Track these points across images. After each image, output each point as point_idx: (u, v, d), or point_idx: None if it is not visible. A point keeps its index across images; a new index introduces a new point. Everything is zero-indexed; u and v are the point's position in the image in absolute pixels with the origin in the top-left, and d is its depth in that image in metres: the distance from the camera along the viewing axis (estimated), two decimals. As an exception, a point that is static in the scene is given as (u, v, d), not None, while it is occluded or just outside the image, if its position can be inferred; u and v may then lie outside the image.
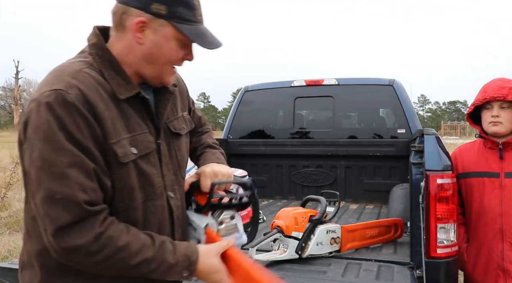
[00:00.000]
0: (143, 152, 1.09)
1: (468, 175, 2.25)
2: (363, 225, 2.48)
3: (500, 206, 2.12)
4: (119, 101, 1.06)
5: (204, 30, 1.12)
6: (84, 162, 0.96)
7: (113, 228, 1.00)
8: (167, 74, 1.15)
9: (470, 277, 2.27)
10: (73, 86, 0.98)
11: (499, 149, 2.17)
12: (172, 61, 1.13)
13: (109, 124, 1.02)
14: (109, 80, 1.06)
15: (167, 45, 1.09)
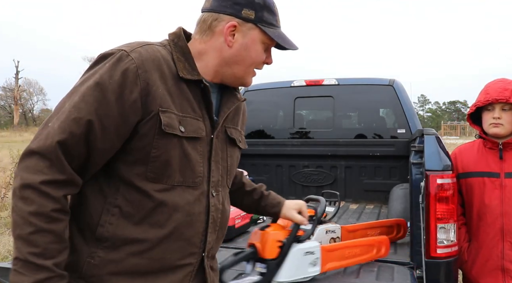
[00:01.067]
0: (190, 135, 1.10)
1: (468, 175, 2.26)
2: (364, 225, 2.48)
3: (500, 206, 2.13)
4: (179, 80, 1.10)
5: (283, 34, 1.23)
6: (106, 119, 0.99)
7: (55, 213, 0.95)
8: (249, 75, 1.23)
9: (468, 276, 2.28)
10: (137, 52, 1.04)
11: (499, 149, 2.18)
12: (256, 63, 1.22)
13: (161, 94, 1.04)
14: (176, 62, 1.11)
15: (254, 47, 1.19)
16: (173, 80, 1.08)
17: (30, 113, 54.91)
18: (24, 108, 52.51)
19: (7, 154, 9.43)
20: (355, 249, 2.18)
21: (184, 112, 1.09)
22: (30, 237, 0.93)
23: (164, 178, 1.06)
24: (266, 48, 1.22)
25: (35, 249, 0.92)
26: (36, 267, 0.92)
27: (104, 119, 0.99)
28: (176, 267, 1.10)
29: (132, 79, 1.00)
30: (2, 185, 7.02)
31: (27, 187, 0.94)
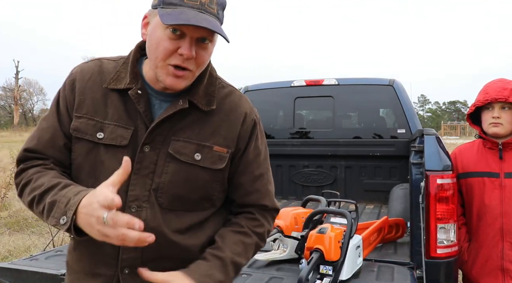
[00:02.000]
0: (108, 142, 1.07)
1: (468, 175, 2.26)
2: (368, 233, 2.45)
3: (500, 206, 2.13)
4: (109, 90, 1.11)
5: (187, 11, 0.98)
6: (50, 119, 1.14)
7: (31, 170, 1.09)
8: (162, 72, 1.04)
9: (468, 276, 2.28)
10: (77, 67, 1.17)
11: (498, 149, 2.18)
12: (162, 55, 1.02)
13: (78, 100, 1.11)
14: (116, 73, 1.12)
15: (155, 35, 1.03)
16: (102, 90, 1.11)
17: (30, 113, 54.92)
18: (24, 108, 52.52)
19: (7, 154, 9.44)
20: (379, 231, 2.35)
21: (108, 119, 1.09)
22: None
23: (79, 182, 1.08)
24: (175, 35, 1.00)
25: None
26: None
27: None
28: (94, 274, 1.10)
29: (64, 88, 1.15)
30: (2, 185, 7.01)
31: None
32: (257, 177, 1.18)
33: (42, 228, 5.53)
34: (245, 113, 1.16)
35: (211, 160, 1.10)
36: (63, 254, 2.34)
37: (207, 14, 1.01)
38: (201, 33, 1.01)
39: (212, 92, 1.14)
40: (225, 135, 1.12)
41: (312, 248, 1.86)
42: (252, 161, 1.17)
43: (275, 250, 2.19)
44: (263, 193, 1.20)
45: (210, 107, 1.12)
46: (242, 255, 1.13)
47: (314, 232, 1.89)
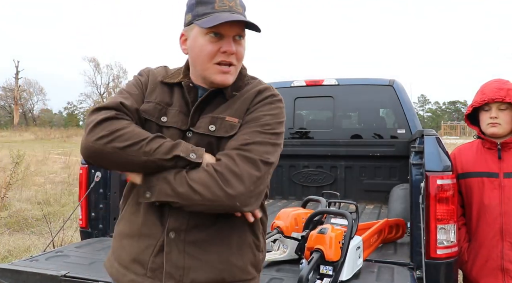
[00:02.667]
0: (170, 124, 1.23)
1: (467, 175, 2.27)
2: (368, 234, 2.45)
3: (500, 206, 2.14)
4: (162, 83, 1.31)
5: (220, 14, 1.17)
6: (133, 94, 1.29)
7: (124, 121, 1.19)
8: (211, 71, 1.21)
9: (468, 276, 2.28)
10: (148, 70, 1.37)
11: (497, 149, 2.19)
12: (208, 57, 1.19)
13: (149, 89, 1.30)
14: (173, 74, 1.33)
15: (197, 44, 1.20)
16: (160, 83, 1.31)
17: (30, 113, 54.93)
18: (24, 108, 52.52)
19: (7, 153, 9.44)
20: (379, 233, 2.35)
21: (172, 106, 1.26)
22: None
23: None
24: (213, 39, 1.19)
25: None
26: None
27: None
28: (141, 235, 1.20)
29: (140, 76, 1.35)
30: (2, 185, 7.01)
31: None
32: (233, 139, 1.20)
33: (42, 228, 5.53)
34: (258, 90, 1.27)
35: (224, 129, 1.21)
36: (63, 255, 2.34)
37: (236, 13, 1.19)
38: (236, 30, 1.19)
39: (239, 87, 1.29)
40: (237, 108, 1.24)
41: (312, 248, 1.86)
42: (250, 120, 1.21)
43: (275, 251, 2.19)
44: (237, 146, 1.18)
45: (233, 94, 1.26)
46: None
47: (315, 232, 1.90)
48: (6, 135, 32.71)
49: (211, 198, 1.08)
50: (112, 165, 1.16)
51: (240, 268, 1.21)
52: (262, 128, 1.19)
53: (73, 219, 5.24)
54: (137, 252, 1.19)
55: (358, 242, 2.03)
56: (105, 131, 1.13)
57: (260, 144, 1.16)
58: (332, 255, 1.82)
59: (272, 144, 1.20)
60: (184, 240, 1.17)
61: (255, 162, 1.13)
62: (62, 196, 7.98)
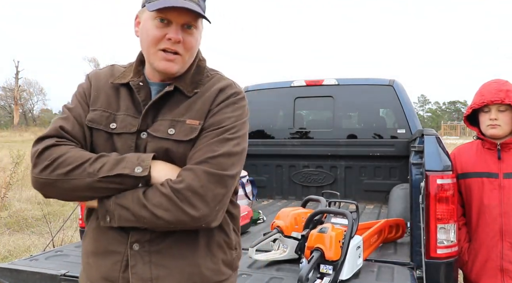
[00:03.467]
0: (120, 130, 1.18)
1: (467, 176, 2.27)
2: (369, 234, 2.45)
3: (499, 206, 2.14)
4: (118, 84, 1.24)
5: (170, 0, 1.09)
6: (77, 109, 1.23)
7: (64, 147, 1.14)
8: (155, 57, 1.15)
9: (468, 277, 2.28)
10: (93, 73, 1.31)
11: (497, 150, 2.19)
12: (153, 41, 1.14)
13: (93, 96, 1.23)
14: (122, 72, 1.26)
15: (145, 27, 1.16)
16: (113, 87, 1.24)
17: (30, 113, 54.91)
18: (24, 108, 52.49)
19: (7, 153, 9.44)
20: (379, 233, 2.35)
21: (120, 111, 1.20)
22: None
23: None
24: (161, 24, 1.13)
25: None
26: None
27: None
28: (107, 252, 1.16)
29: (82, 85, 1.29)
30: (2, 185, 7.01)
31: None
32: (197, 148, 1.12)
33: (42, 228, 5.53)
34: (219, 88, 1.20)
35: (184, 133, 1.14)
36: (63, 254, 2.34)
37: (188, 1, 1.11)
38: (185, 18, 1.12)
39: (198, 80, 1.22)
40: (198, 109, 1.17)
41: (312, 247, 1.86)
42: (209, 126, 1.14)
43: (275, 250, 2.19)
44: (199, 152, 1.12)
45: (193, 92, 1.19)
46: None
47: (315, 232, 1.90)
48: (6, 135, 32.70)
49: (174, 222, 1.04)
50: (62, 194, 1.13)
51: (212, 269, 1.17)
52: (228, 134, 1.12)
53: (73, 219, 5.25)
54: (105, 271, 1.15)
55: (358, 241, 2.03)
56: (47, 161, 1.09)
57: (228, 156, 1.10)
58: (332, 254, 1.82)
59: (239, 152, 1.13)
60: (149, 251, 1.12)
61: (221, 179, 1.07)
62: (62, 196, 7.97)
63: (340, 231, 1.90)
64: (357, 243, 2.01)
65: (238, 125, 1.15)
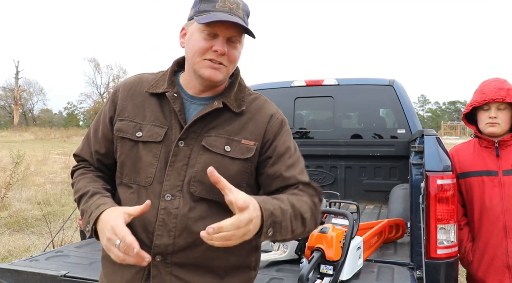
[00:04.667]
0: (146, 139, 1.22)
1: (467, 175, 2.27)
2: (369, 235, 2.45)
3: (501, 204, 2.14)
4: (149, 95, 1.28)
5: (218, 14, 1.17)
6: (92, 129, 1.36)
7: (77, 172, 1.34)
8: (200, 66, 1.20)
9: (475, 276, 2.27)
10: (119, 85, 1.35)
11: (495, 148, 2.20)
12: (199, 51, 1.19)
13: (121, 106, 1.28)
14: (156, 81, 1.30)
15: (192, 38, 1.21)
16: (142, 96, 1.28)
17: (30, 113, 54.91)
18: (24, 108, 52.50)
19: (7, 153, 9.44)
20: (380, 234, 2.35)
21: (146, 120, 1.25)
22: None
23: (123, 177, 1.26)
24: (208, 36, 1.19)
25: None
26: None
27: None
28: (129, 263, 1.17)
29: (107, 101, 1.34)
30: (2, 185, 7.01)
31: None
32: (291, 165, 1.26)
33: (42, 228, 5.53)
34: (271, 114, 1.31)
35: (240, 151, 1.22)
36: (63, 255, 2.34)
37: (235, 16, 1.19)
38: (231, 32, 1.19)
39: (241, 97, 1.29)
40: (252, 130, 1.25)
41: (313, 247, 1.87)
42: (284, 153, 1.27)
43: (275, 251, 2.19)
44: (301, 174, 1.27)
45: (240, 109, 1.26)
46: (299, 204, 1.17)
47: (316, 232, 1.90)
48: (6, 135, 32.70)
49: (308, 232, 1.23)
50: None
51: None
52: (300, 161, 1.33)
53: (73, 219, 5.25)
54: (128, 278, 1.19)
55: (358, 242, 2.03)
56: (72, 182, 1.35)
57: (305, 172, 1.31)
58: (333, 254, 1.82)
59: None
60: (171, 263, 1.17)
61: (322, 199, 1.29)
62: (62, 196, 7.99)
63: (341, 231, 1.90)
64: (358, 244, 2.01)
65: (298, 151, 1.35)
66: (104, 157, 1.32)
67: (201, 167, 1.19)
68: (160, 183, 1.19)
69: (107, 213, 1.12)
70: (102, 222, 1.11)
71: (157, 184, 1.19)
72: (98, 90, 55.37)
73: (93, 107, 53.74)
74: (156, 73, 1.35)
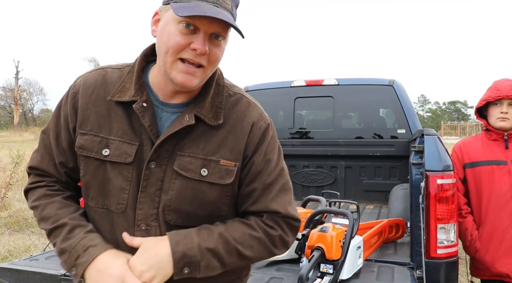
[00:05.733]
0: (114, 159, 1.04)
1: (476, 164, 2.40)
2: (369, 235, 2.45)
3: (510, 191, 2.27)
4: (114, 103, 1.06)
5: (201, 4, 0.95)
6: (50, 135, 1.13)
7: (37, 193, 1.13)
8: (172, 68, 0.99)
9: (483, 261, 2.32)
10: (81, 78, 1.12)
11: (504, 140, 2.35)
12: (173, 49, 0.97)
13: (82, 116, 1.07)
14: (120, 83, 1.08)
15: (166, 29, 0.98)
16: (106, 104, 1.06)
17: (30, 113, 54.91)
18: (24, 108, 52.48)
19: (7, 153, 9.43)
20: (380, 234, 2.37)
21: (113, 134, 1.05)
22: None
23: (89, 199, 1.10)
24: (186, 30, 0.96)
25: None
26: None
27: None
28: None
29: (67, 101, 1.11)
30: (2, 185, 7.01)
31: None
32: (268, 185, 1.09)
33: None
34: (252, 122, 1.09)
35: (218, 174, 1.05)
36: (63, 254, 2.33)
37: (222, 8, 0.97)
38: (215, 28, 0.97)
39: (219, 103, 1.08)
40: (232, 147, 1.06)
41: (313, 247, 1.87)
42: (262, 169, 1.09)
43: (275, 250, 2.18)
44: (273, 200, 1.09)
45: (217, 121, 1.06)
46: (239, 239, 1.04)
47: (316, 231, 1.90)
48: (6, 135, 32.68)
49: (259, 260, 1.12)
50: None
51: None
52: (282, 175, 1.12)
53: (73, 219, 5.22)
54: None
55: (358, 241, 2.03)
56: (31, 204, 1.14)
57: (290, 203, 1.12)
58: (333, 253, 1.82)
59: (291, 189, 1.15)
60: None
61: (295, 228, 1.13)
62: (62, 196, 7.97)
63: (341, 230, 1.90)
64: (358, 243, 2.01)
65: (281, 159, 1.15)
66: (73, 172, 1.13)
67: (175, 194, 1.04)
68: (133, 210, 1.04)
69: (105, 259, 0.98)
70: (99, 269, 0.97)
71: (131, 211, 1.04)
72: (98, 90, 55.20)
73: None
74: (121, 67, 1.12)
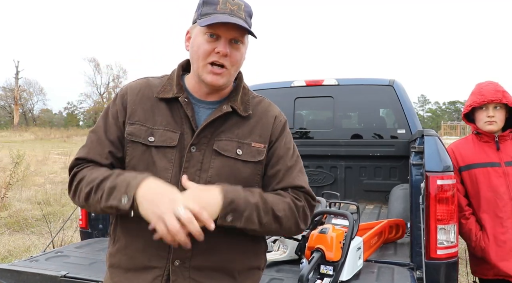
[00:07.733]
0: (159, 143, 1.22)
1: (470, 167, 2.39)
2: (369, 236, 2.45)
3: (508, 192, 2.29)
4: (158, 100, 1.28)
5: (219, 16, 1.19)
6: (99, 131, 1.28)
7: (85, 170, 1.23)
8: (203, 70, 1.22)
9: (489, 261, 2.31)
10: (126, 85, 1.35)
11: (495, 142, 2.37)
12: (203, 55, 1.21)
13: (130, 110, 1.27)
14: (162, 86, 1.30)
15: (196, 41, 1.23)
16: (150, 101, 1.28)
17: (30, 113, 54.92)
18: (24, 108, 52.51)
19: (7, 153, 9.43)
20: (380, 234, 2.37)
21: (157, 125, 1.25)
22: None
23: None
24: (211, 39, 1.21)
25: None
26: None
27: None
28: (147, 268, 1.19)
29: (115, 101, 1.31)
30: (2, 185, 7.01)
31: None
32: (289, 167, 1.30)
33: (42, 228, 5.53)
34: (275, 115, 1.36)
35: (251, 154, 1.25)
36: (63, 255, 2.34)
37: (236, 17, 1.21)
38: (233, 34, 1.20)
39: (247, 101, 1.32)
40: (260, 133, 1.29)
41: (313, 248, 1.87)
42: (284, 154, 1.31)
43: (275, 251, 2.19)
44: (296, 177, 1.29)
45: (247, 113, 1.29)
46: (273, 201, 1.19)
47: (316, 232, 1.90)
48: (6, 135, 32.70)
49: (287, 230, 1.23)
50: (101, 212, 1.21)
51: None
52: (299, 161, 1.35)
53: (73, 219, 5.24)
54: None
55: (358, 242, 2.03)
56: (73, 191, 1.22)
57: (308, 184, 1.31)
58: (333, 255, 1.82)
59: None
60: (189, 267, 1.17)
61: (313, 207, 1.30)
62: (62, 196, 7.98)
63: (341, 231, 1.90)
64: (358, 244, 2.01)
65: (296, 150, 1.38)
66: (119, 162, 1.27)
67: (215, 172, 1.21)
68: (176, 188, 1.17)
69: (154, 181, 1.10)
70: (149, 190, 1.08)
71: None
72: (98, 90, 55.41)
73: (93, 108, 53.75)
74: (160, 77, 1.36)
